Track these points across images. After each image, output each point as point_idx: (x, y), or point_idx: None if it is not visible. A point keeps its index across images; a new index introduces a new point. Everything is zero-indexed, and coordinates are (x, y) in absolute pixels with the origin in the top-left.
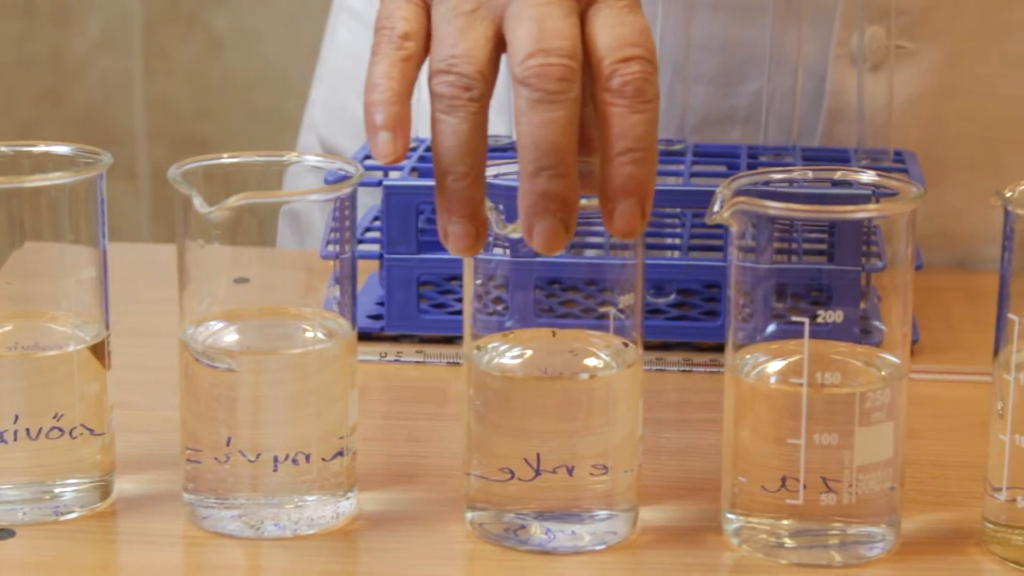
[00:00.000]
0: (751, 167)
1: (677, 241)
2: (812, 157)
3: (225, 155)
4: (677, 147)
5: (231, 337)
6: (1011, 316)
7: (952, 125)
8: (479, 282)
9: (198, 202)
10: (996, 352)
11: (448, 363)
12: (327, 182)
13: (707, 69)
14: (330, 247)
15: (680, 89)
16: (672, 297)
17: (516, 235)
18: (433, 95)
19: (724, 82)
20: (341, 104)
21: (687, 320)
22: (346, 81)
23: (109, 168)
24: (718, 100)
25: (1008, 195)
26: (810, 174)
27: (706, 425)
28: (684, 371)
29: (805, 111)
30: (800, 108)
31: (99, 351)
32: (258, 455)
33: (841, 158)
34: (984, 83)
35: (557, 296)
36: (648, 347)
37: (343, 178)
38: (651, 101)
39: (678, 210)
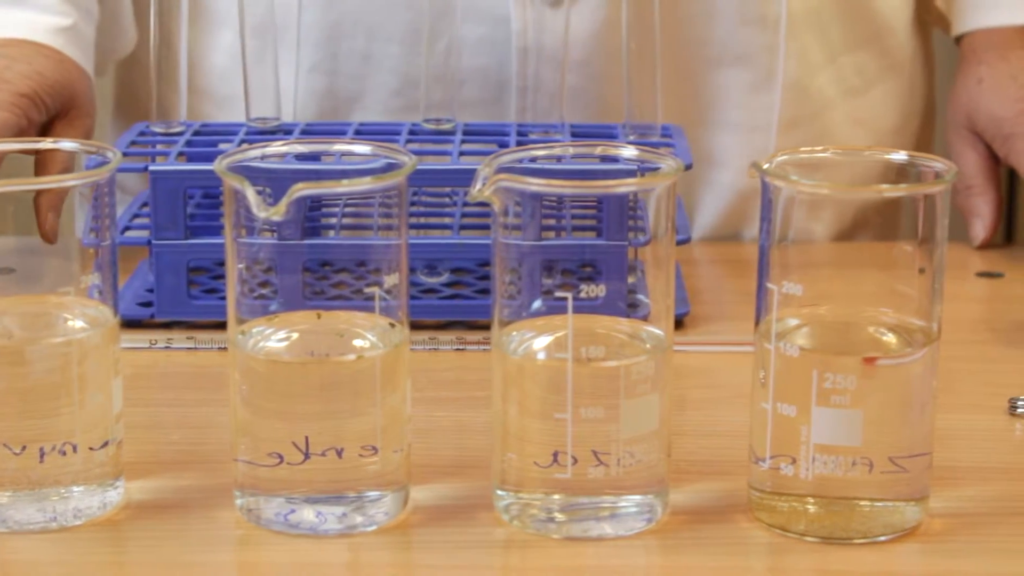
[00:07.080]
0: (521, 145)
1: (448, 220)
2: (580, 134)
3: None
4: (447, 126)
5: None
6: (770, 286)
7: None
8: (243, 266)
9: None
10: (757, 322)
11: (220, 348)
12: (87, 168)
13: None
14: (91, 234)
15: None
16: (445, 276)
17: (278, 217)
18: None
19: (415, 40)
20: None
21: (460, 299)
22: None
23: None
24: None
25: (765, 167)
26: (571, 150)
27: (479, 403)
28: (458, 350)
29: (499, 56)
30: (492, 54)
31: None
32: (23, 447)
33: (608, 134)
34: (667, 7)
35: (328, 278)
36: (422, 327)
37: (101, 163)
38: None
39: (448, 189)
